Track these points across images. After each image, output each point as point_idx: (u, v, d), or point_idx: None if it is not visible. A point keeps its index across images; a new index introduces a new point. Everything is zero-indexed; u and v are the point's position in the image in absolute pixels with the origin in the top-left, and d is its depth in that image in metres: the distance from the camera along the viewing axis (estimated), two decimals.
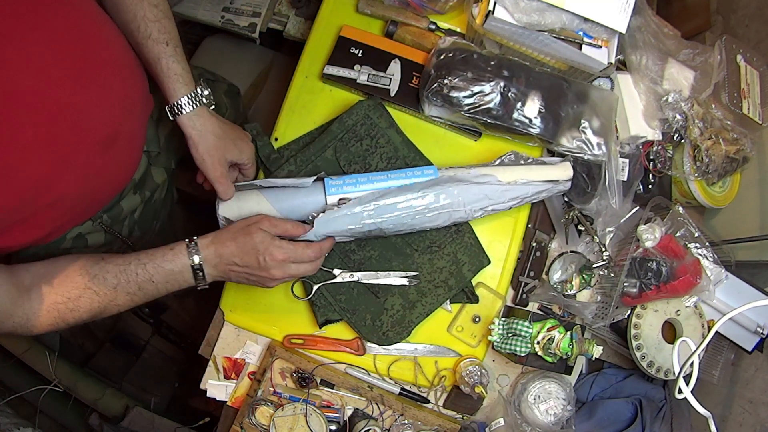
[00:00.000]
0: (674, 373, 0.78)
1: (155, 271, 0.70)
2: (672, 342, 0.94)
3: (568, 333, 0.86)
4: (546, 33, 0.85)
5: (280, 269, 0.74)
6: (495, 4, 0.84)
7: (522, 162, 0.87)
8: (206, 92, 0.78)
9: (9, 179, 0.58)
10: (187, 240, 0.73)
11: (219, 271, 0.74)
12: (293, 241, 0.76)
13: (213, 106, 0.80)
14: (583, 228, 0.95)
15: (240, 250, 0.72)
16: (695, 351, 0.75)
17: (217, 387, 0.93)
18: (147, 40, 0.74)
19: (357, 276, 0.87)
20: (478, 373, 0.87)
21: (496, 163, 0.87)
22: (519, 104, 0.87)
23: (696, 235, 0.95)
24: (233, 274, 0.75)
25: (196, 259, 0.71)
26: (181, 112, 0.76)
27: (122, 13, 0.74)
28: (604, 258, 0.92)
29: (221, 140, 0.79)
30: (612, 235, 0.97)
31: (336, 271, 0.87)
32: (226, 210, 0.82)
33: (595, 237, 0.93)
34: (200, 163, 0.79)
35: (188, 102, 0.76)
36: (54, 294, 0.66)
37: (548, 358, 0.86)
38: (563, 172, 0.86)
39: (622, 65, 0.98)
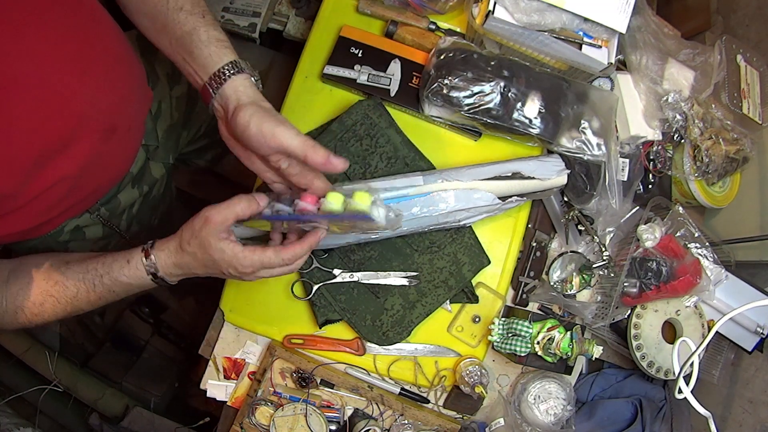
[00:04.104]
0: (674, 373, 0.78)
1: (112, 283, 0.67)
2: (672, 342, 0.94)
3: (568, 333, 0.86)
4: (546, 33, 0.85)
5: (250, 276, 0.67)
6: (495, 4, 0.84)
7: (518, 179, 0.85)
8: (251, 68, 0.68)
9: (6, 162, 0.58)
10: (143, 251, 0.66)
11: (183, 276, 0.69)
12: (257, 244, 0.67)
13: (260, 87, 0.69)
14: (583, 228, 0.95)
15: (201, 264, 0.66)
16: (695, 351, 0.75)
17: (217, 387, 0.93)
18: (178, 13, 0.66)
19: (357, 276, 0.87)
20: (478, 373, 0.87)
21: (491, 176, 0.84)
22: (519, 104, 0.87)
23: (696, 235, 0.95)
24: (199, 275, 0.70)
25: (156, 272, 0.66)
26: (232, 76, 0.65)
27: None
28: (604, 258, 0.92)
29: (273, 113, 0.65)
30: (612, 235, 0.97)
31: (336, 271, 0.87)
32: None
33: (595, 237, 0.93)
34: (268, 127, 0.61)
35: (232, 67, 0.66)
36: (22, 297, 0.66)
37: (548, 358, 0.86)
38: (558, 182, 0.86)
39: (622, 65, 0.98)
